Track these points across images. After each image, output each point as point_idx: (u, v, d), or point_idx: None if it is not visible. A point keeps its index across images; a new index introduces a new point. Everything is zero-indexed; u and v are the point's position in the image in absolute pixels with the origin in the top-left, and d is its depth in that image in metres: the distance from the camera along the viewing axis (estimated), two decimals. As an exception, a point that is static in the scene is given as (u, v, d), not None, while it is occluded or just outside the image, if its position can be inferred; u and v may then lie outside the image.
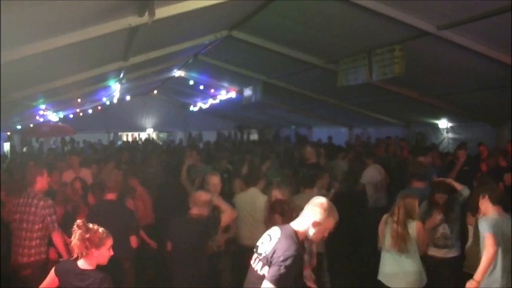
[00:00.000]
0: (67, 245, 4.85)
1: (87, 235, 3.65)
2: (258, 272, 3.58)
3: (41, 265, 5.63)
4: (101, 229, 3.76)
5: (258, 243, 3.73)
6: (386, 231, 5.40)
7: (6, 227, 6.55)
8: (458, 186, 6.04)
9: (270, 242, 3.61)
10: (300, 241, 3.62)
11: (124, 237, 5.73)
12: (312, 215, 3.63)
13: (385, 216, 5.57)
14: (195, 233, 5.12)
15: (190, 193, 7.01)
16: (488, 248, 4.75)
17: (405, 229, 5.23)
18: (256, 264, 3.65)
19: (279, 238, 3.60)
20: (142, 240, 6.70)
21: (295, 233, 3.63)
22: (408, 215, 5.28)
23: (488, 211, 4.98)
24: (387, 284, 5.38)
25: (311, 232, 3.63)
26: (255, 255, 3.69)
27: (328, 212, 3.63)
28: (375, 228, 5.67)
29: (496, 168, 8.10)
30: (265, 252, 3.59)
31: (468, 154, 8.80)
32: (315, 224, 3.61)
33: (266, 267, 3.54)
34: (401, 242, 5.21)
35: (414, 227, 5.28)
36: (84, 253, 3.67)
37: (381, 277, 5.46)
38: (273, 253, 3.53)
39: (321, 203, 3.68)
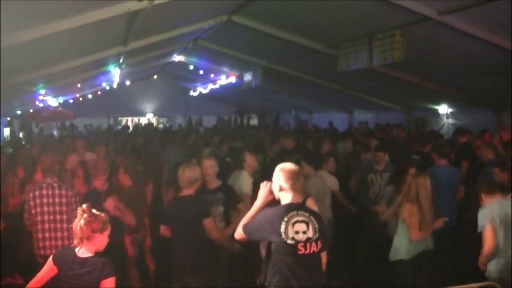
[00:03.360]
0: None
1: (93, 219, 3.67)
2: (316, 251, 3.70)
3: None
4: (103, 214, 3.78)
5: (298, 236, 3.66)
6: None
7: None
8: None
9: (312, 222, 3.70)
10: None
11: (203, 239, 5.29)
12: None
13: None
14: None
15: None
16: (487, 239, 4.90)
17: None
18: (309, 248, 3.67)
19: (312, 213, 3.80)
20: None
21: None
22: (418, 194, 5.26)
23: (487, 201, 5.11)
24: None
25: None
26: (300, 244, 3.65)
27: None
28: None
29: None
30: (315, 232, 3.69)
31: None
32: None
33: (319, 241, 3.71)
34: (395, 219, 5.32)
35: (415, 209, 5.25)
36: (88, 238, 3.66)
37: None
38: (320, 225, 3.74)
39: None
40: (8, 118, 18.48)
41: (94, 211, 3.73)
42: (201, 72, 17.31)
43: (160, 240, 5.72)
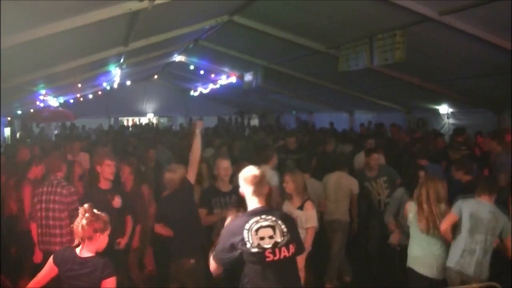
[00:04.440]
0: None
1: (95, 219, 3.65)
2: (287, 255, 3.48)
3: None
4: (104, 214, 3.77)
5: (264, 242, 3.46)
6: (414, 214, 5.32)
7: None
8: None
9: (278, 225, 3.51)
10: None
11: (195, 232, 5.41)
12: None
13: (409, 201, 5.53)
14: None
15: None
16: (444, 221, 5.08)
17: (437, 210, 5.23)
18: (278, 254, 3.46)
19: (281, 216, 3.63)
20: None
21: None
22: (438, 197, 5.24)
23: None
24: (416, 268, 5.32)
25: None
26: (268, 251, 3.44)
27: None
28: None
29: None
30: (283, 235, 3.49)
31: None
32: None
33: (291, 245, 3.50)
34: (434, 224, 5.19)
35: (443, 209, 5.24)
36: (90, 237, 3.64)
37: (410, 262, 5.38)
38: (290, 228, 3.55)
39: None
40: (9, 118, 18.46)
41: (95, 211, 3.72)
42: (202, 72, 17.31)
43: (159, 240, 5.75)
